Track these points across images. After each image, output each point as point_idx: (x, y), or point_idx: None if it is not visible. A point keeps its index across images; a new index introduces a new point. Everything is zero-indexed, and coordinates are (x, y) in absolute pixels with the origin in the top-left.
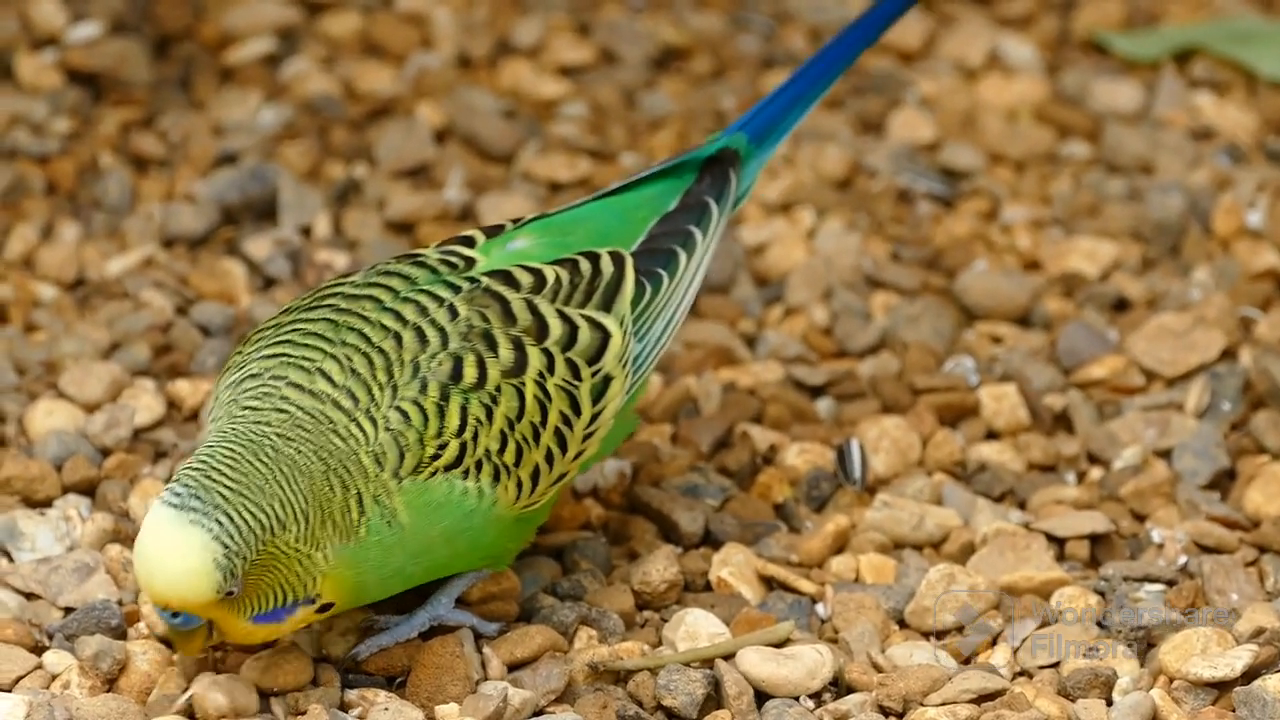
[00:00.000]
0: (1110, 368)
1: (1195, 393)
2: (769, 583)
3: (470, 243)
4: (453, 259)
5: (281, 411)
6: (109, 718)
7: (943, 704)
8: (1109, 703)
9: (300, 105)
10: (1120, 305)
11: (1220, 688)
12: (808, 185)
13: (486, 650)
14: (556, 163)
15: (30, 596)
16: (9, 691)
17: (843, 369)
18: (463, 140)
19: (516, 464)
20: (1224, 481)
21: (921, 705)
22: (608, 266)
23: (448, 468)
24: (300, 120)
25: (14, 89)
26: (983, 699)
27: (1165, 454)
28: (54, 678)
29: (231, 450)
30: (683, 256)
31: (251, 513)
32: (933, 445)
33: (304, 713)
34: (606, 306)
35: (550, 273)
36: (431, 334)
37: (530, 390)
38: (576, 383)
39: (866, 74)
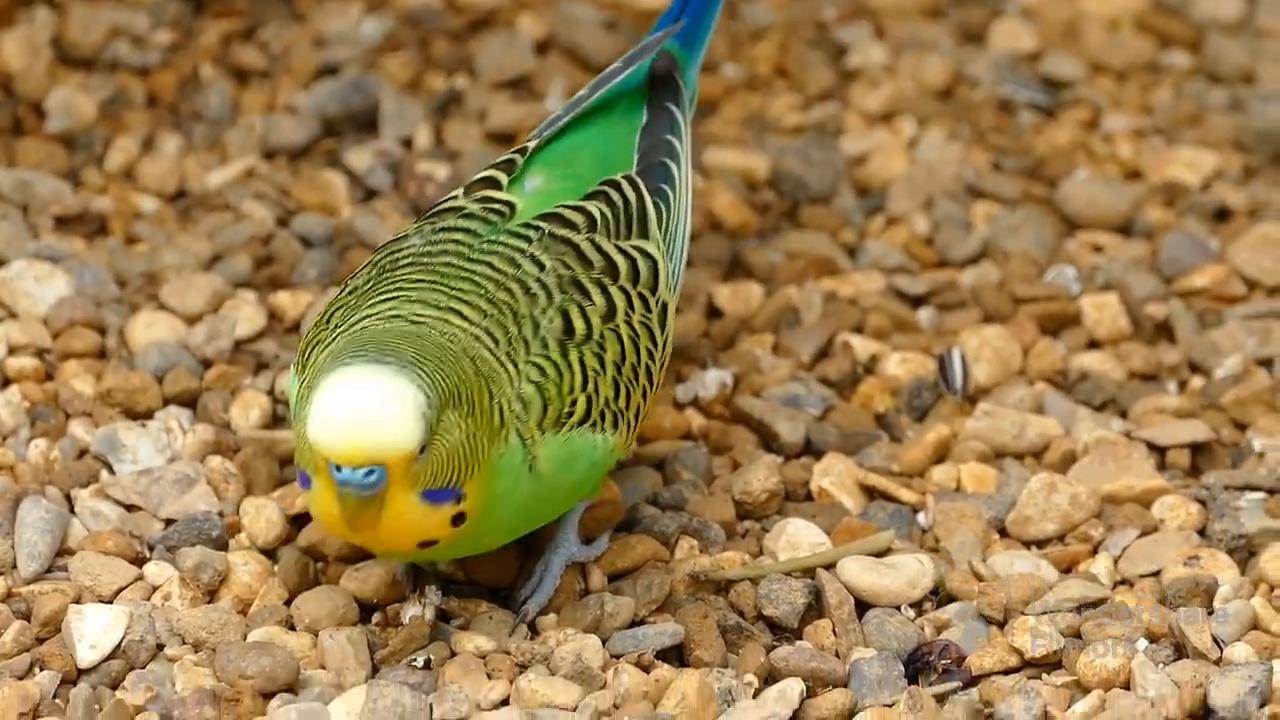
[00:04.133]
0: (1211, 276)
1: None
2: (870, 492)
3: (496, 185)
4: (495, 206)
5: (418, 323)
6: (210, 629)
7: (1044, 613)
8: (1210, 611)
9: (401, 16)
10: (1221, 214)
11: None
12: (909, 95)
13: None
14: None
15: (131, 508)
16: (110, 603)
17: (944, 278)
18: (564, 51)
19: (627, 407)
20: None
21: (1023, 614)
22: (631, 194)
23: (579, 423)
24: (401, 31)
25: (115, 1)
26: (1083, 607)
27: (1266, 363)
28: (155, 589)
29: (396, 330)
30: (674, 168)
31: (438, 375)
32: (1034, 354)
33: (404, 624)
34: (645, 234)
35: (594, 209)
36: (536, 288)
37: (624, 332)
38: (649, 314)
39: None
